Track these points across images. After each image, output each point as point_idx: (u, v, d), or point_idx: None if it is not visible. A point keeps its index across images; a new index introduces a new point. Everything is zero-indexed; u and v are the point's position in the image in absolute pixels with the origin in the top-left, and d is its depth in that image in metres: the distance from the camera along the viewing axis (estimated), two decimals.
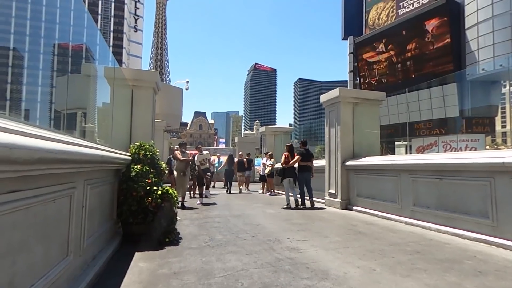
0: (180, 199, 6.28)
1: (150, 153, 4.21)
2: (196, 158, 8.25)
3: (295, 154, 7.28)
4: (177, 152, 7.33)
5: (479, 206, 3.93)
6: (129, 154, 4.17)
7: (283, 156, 7.35)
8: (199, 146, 9.66)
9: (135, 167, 3.92)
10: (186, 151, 7.53)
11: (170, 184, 7.63)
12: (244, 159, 12.15)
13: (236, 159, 12.24)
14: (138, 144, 4.26)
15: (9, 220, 1.37)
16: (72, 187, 2.17)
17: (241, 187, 11.68)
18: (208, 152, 9.33)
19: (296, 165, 7.32)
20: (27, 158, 1.27)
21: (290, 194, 7.26)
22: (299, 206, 7.03)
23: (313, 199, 7.17)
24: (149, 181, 3.88)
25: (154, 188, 3.85)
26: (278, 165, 10.92)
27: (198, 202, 7.73)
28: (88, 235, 2.55)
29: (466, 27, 23.17)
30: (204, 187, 8.55)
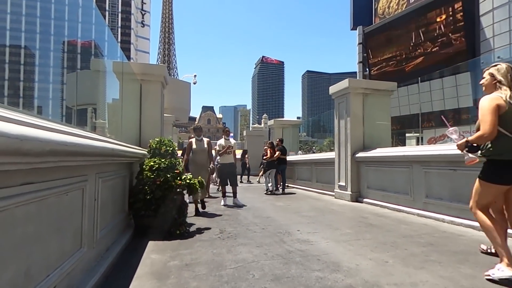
0: (193, 200, 5.49)
1: (171, 148, 4.28)
2: (220, 143, 6.57)
3: (276, 150, 8.85)
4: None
5: None
6: (140, 148, 4.23)
7: (269, 152, 8.69)
8: (226, 128, 7.08)
9: (163, 160, 4.01)
10: (203, 138, 6.07)
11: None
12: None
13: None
14: (158, 139, 4.34)
15: (23, 212, 1.39)
16: (84, 180, 2.19)
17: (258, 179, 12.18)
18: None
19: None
20: (38, 150, 1.28)
21: (269, 182, 8.73)
22: (276, 192, 8.74)
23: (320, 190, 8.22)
24: (178, 171, 4.06)
25: (184, 176, 4.09)
26: (294, 157, 11.06)
27: (222, 203, 6.33)
28: (101, 227, 2.59)
29: (480, 13, 22.36)
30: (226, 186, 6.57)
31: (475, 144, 2.48)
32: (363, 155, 6.64)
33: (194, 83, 24.96)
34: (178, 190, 3.93)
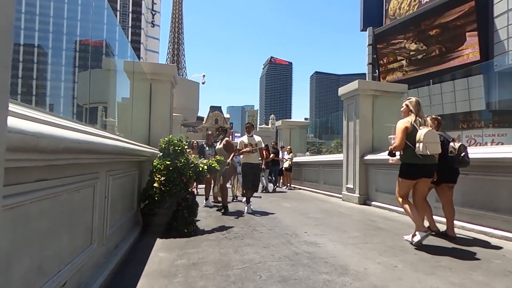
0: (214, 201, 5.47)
1: (179, 148, 4.21)
2: (242, 140, 5.89)
3: (270, 152, 9.85)
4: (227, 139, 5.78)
5: (508, 203, 3.72)
6: (149, 147, 4.26)
7: (264, 153, 9.37)
8: (247, 124, 6.13)
9: (181, 159, 4.03)
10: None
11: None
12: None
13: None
14: (167, 139, 4.24)
15: (37, 208, 1.41)
16: (95, 177, 2.22)
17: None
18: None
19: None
20: (53, 147, 1.30)
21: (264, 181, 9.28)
22: (269, 191, 9.37)
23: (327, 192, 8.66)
24: (193, 165, 4.16)
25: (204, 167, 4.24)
26: (301, 159, 11.04)
27: (246, 210, 5.51)
28: (110, 224, 2.62)
29: (494, 15, 21.88)
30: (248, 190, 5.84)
31: (393, 152, 3.65)
32: (372, 157, 6.57)
33: (203, 83, 25.08)
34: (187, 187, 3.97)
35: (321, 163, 9.53)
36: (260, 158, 5.97)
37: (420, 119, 3.50)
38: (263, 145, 6.20)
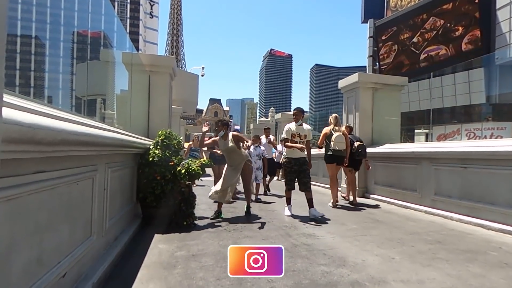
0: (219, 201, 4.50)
1: (166, 140, 4.20)
2: (289, 128, 4.73)
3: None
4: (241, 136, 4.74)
5: (506, 196, 3.74)
6: (148, 139, 4.25)
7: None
8: (296, 111, 4.77)
9: (156, 152, 3.96)
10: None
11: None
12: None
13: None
14: (163, 133, 4.24)
15: (35, 199, 1.41)
16: (94, 169, 2.22)
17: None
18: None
19: None
20: (51, 139, 1.29)
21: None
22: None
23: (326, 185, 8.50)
24: (172, 163, 3.95)
25: (178, 169, 3.94)
26: None
27: (287, 213, 4.74)
28: (110, 216, 2.63)
29: (497, 7, 21.64)
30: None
31: (319, 146, 5.69)
32: (371, 150, 6.56)
33: (202, 75, 24.91)
34: (181, 181, 3.92)
35: (319, 156, 9.53)
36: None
37: (336, 127, 5.45)
38: (311, 137, 4.97)
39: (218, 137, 4.55)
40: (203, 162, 4.25)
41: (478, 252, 2.98)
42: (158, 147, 4.04)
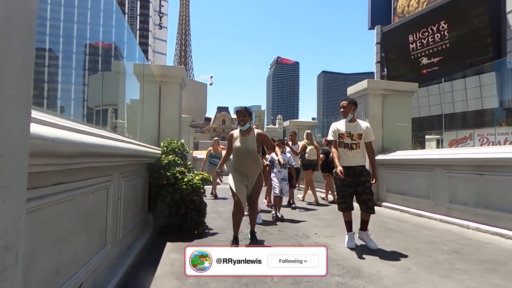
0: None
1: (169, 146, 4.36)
2: (336, 128, 3.61)
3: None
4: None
5: None
6: (159, 148, 4.31)
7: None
8: (344, 103, 3.64)
9: (166, 157, 4.06)
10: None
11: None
12: None
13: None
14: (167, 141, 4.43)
15: (55, 211, 1.44)
16: (109, 180, 2.25)
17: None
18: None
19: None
20: (71, 152, 1.32)
21: None
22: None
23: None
24: (180, 169, 4.01)
25: (182, 176, 3.95)
26: None
27: (348, 243, 3.46)
28: (123, 226, 2.65)
29: (507, 10, 21.38)
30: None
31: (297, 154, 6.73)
32: (382, 157, 6.48)
33: (211, 84, 25.22)
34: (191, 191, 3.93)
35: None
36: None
37: (309, 141, 6.87)
38: (373, 138, 3.60)
39: (237, 130, 3.49)
40: (204, 177, 4.21)
41: (498, 262, 2.89)
42: (164, 154, 4.17)
